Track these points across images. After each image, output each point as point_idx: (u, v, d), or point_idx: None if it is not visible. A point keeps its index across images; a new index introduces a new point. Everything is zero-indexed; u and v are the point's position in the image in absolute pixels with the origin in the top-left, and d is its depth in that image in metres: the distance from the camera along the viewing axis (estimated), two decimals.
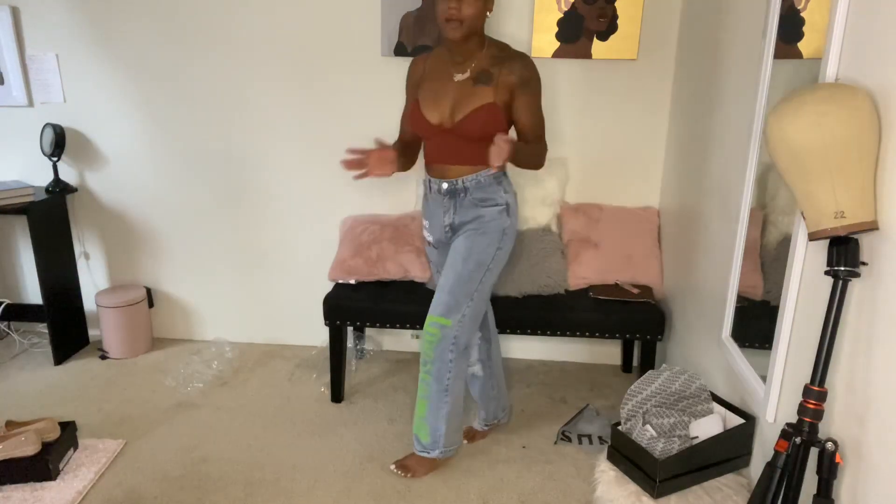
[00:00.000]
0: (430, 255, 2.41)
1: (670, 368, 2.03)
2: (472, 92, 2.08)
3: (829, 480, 1.29)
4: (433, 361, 2.21)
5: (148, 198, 3.25)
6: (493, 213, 2.18)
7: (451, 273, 2.19)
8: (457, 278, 2.17)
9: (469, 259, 2.17)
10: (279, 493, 2.28)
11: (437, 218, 2.26)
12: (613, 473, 1.85)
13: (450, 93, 2.10)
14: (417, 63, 2.23)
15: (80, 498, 2.23)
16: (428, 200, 2.28)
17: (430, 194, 2.26)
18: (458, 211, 2.20)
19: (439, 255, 2.35)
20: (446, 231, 2.26)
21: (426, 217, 2.32)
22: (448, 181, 2.18)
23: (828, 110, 1.21)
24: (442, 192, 2.20)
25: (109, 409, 2.80)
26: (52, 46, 3.07)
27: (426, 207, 2.31)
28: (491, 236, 2.18)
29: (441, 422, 2.29)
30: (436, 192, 2.22)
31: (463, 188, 2.17)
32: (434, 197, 2.24)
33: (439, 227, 2.27)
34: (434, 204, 2.25)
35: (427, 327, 2.20)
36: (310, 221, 3.21)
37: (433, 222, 2.29)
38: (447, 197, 2.20)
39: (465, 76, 2.09)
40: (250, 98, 3.06)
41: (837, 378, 1.35)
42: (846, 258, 1.25)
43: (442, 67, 2.13)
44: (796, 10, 1.64)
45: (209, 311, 3.42)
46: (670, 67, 2.87)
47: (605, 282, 2.88)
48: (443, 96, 2.11)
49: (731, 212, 2.05)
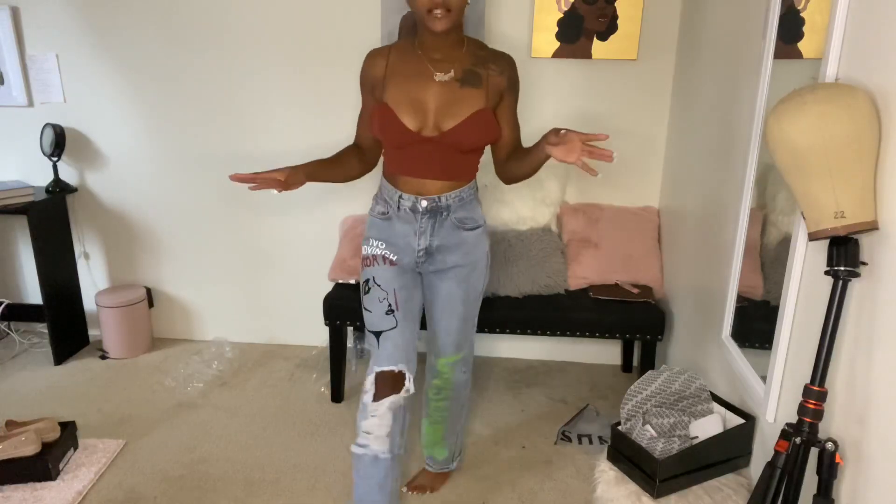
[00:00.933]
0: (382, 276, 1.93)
1: (670, 368, 2.03)
2: (461, 95, 1.81)
3: (829, 480, 1.29)
4: (451, 389, 2.16)
5: (148, 198, 3.25)
6: (474, 238, 1.98)
7: (454, 318, 2.03)
8: (461, 321, 2.04)
9: (468, 300, 2.03)
10: (279, 493, 2.28)
11: (406, 239, 1.93)
12: (613, 473, 1.85)
13: (431, 96, 1.81)
14: (376, 58, 1.87)
15: (80, 498, 2.23)
16: (392, 219, 1.94)
17: (396, 212, 1.92)
18: (436, 233, 1.92)
19: (399, 276, 1.95)
20: (419, 256, 1.95)
21: (383, 237, 1.95)
22: (428, 198, 1.88)
23: (828, 110, 1.20)
24: (419, 210, 1.89)
25: (109, 409, 2.80)
26: (52, 46, 3.07)
27: (385, 227, 1.95)
28: (480, 269, 2.03)
29: (458, 435, 2.29)
30: (407, 210, 1.90)
31: (445, 206, 1.90)
32: (404, 216, 1.91)
33: (409, 251, 1.94)
34: (402, 223, 1.93)
35: (440, 368, 2.11)
36: (310, 221, 3.21)
37: (399, 244, 1.94)
38: (426, 216, 1.90)
39: (448, 77, 1.80)
40: (250, 97, 3.06)
41: (837, 378, 1.35)
42: (846, 258, 1.25)
43: (414, 66, 1.82)
44: (796, 10, 1.64)
45: (209, 311, 3.42)
46: (670, 67, 2.87)
47: (605, 282, 2.88)
48: (422, 100, 1.81)
49: (731, 212, 2.05)
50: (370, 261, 1.96)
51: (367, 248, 1.98)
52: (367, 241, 1.99)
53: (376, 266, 1.95)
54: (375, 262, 1.95)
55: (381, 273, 1.94)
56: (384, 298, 1.92)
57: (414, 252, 1.95)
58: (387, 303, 1.91)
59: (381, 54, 1.88)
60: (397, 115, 1.81)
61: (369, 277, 1.95)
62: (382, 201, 1.96)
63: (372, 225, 2.00)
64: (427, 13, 1.70)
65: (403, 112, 1.81)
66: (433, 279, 2.01)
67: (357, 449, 1.88)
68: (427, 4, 1.68)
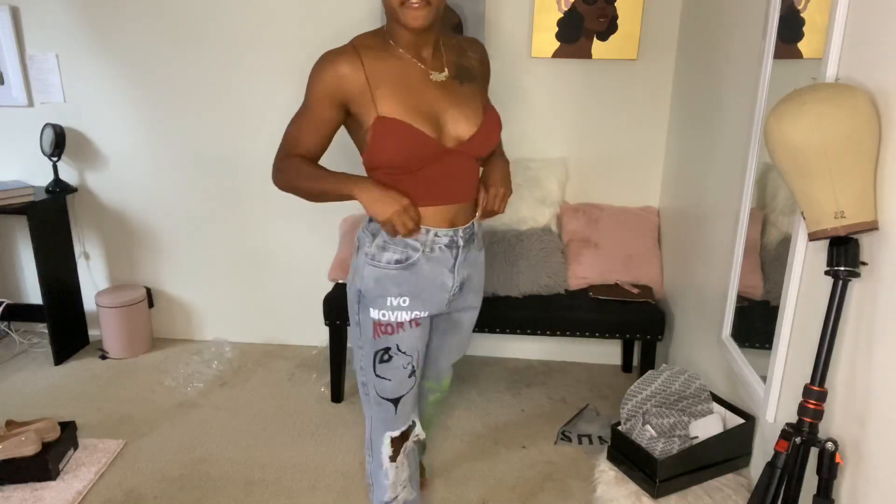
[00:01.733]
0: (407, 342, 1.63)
1: (670, 368, 2.03)
2: (465, 95, 1.57)
3: (829, 480, 1.29)
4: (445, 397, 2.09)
5: (148, 198, 3.25)
6: (482, 259, 1.77)
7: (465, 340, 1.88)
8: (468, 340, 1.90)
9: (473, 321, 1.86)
10: (279, 493, 2.28)
11: (439, 280, 1.62)
12: (613, 473, 1.85)
13: (435, 100, 1.52)
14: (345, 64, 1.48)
15: (80, 498, 2.23)
16: (416, 265, 1.59)
17: (428, 254, 1.58)
18: (467, 262, 1.66)
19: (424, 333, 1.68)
20: (453, 296, 1.67)
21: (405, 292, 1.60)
22: (464, 228, 1.61)
23: (827, 111, 1.20)
24: (459, 245, 1.60)
25: (109, 409, 2.80)
26: (52, 46, 3.07)
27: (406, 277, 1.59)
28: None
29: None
30: (443, 247, 1.59)
31: (475, 231, 1.66)
32: (437, 256, 1.59)
33: (441, 295, 1.64)
34: (434, 264, 1.60)
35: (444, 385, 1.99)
36: (310, 221, 3.21)
37: (428, 290, 1.62)
38: (461, 249, 1.62)
39: (443, 75, 1.55)
40: (250, 97, 3.06)
41: (837, 378, 1.35)
42: (846, 258, 1.25)
43: (401, 67, 1.52)
44: (796, 10, 1.64)
45: (209, 311, 3.42)
46: (670, 67, 2.87)
47: (605, 282, 2.88)
48: (428, 107, 1.51)
49: (731, 212, 2.05)
50: (391, 328, 1.60)
51: (381, 313, 1.60)
52: (376, 302, 1.60)
53: (401, 332, 1.61)
54: (400, 328, 1.61)
55: (406, 339, 1.63)
56: (408, 364, 1.65)
57: (447, 293, 1.65)
58: (411, 367, 1.66)
59: (350, 57, 1.50)
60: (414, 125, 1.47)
61: (390, 346, 1.62)
62: (398, 247, 1.57)
63: (383, 279, 1.58)
64: (400, 5, 1.43)
65: (423, 124, 1.49)
66: (456, 314, 1.78)
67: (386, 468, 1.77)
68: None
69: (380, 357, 1.63)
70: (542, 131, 3.01)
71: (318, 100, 1.53)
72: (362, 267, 1.61)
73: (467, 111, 1.56)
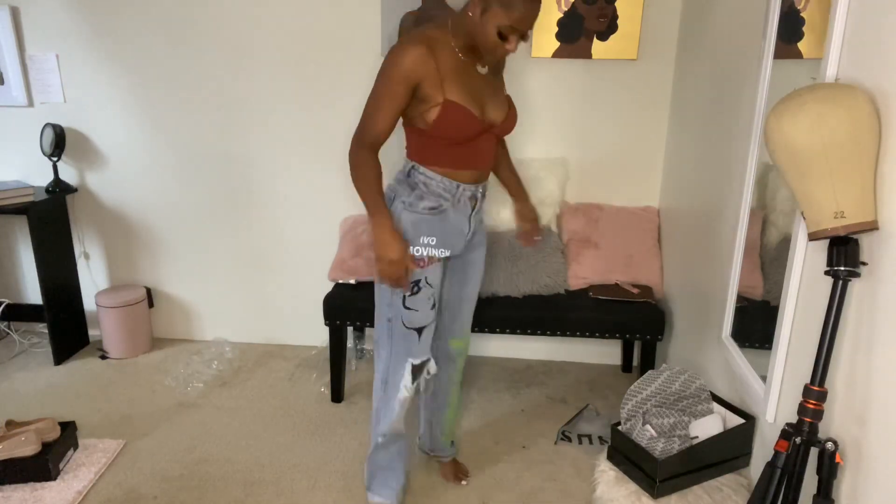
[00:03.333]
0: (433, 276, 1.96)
1: (670, 368, 2.03)
2: (498, 85, 1.94)
3: (829, 480, 1.29)
4: (463, 367, 2.27)
5: (148, 198, 3.25)
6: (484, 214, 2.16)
7: (476, 288, 2.16)
8: (478, 292, 2.18)
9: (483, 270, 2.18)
10: (279, 493, 2.28)
11: (459, 227, 1.97)
12: (613, 473, 1.85)
13: (481, 89, 1.86)
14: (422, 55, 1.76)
15: (80, 498, 2.23)
16: (445, 212, 1.93)
17: (455, 203, 1.93)
18: (477, 215, 2.03)
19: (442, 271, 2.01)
20: (468, 240, 2.03)
21: (434, 233, 1.93)
22: (483, 184, 2.00)
23: (827, 110, 1.21)
24: (478, 197, 1.98)
25: (109, 409, 2.80)
26: (52, 46, 3.07)
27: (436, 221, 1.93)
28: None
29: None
30: (466, 200, 1.94)
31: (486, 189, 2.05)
32: (461, 207, 1.95)
33: (460, 239, 1.99)
34: (457, 213, 1.95)
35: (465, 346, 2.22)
36: (310, 221, 3.21)
37: (450, 234, 1.96)
38: (479, 202, 2.00)
39: (485, 69, 1.89)
40: (250, 97, 3.06)
41: (837, 378, 1.35)
42: (846, 258, 1.25)
43: (457, 60, 1.82)
44: (796, 10, 1.64)
45: (209, 311, 3.42)
46: (670, 67, 2.87)
47: (605, 282, 2.88)
48: (477, 93, 1.85)
49: (731, 212, 2.05)
50: (423, 263, 1.93)
51: (416, 249, 1.92)
52: (413, 241, 1.91)
53: (430, 267, 1.94)
54: (431, 263, 1.94)
55: (433, 273, 1.96)
56: (432, 296, 1.97)
57: (464, 238, 2.01)
58: (433, 300, 1.98)
59: (425, 49, 1.76)
60: (469, 109, 1.81)
61: (420, 279, 1.93)
62: (433, 196, 1.90)
63: (419, 222, 1.90)
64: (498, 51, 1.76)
65: (471, 107, 1.82)
66: (468, 256, 2.10)
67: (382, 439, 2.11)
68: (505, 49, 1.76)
69: (411, 289, 1.94)
70: (542, 131, 3.01)
71: (397, 81, 1.78)
72: (400, 213, 1.91)
73: (500, 100, 1.92)
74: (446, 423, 2.32)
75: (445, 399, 2.27)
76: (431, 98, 1.79)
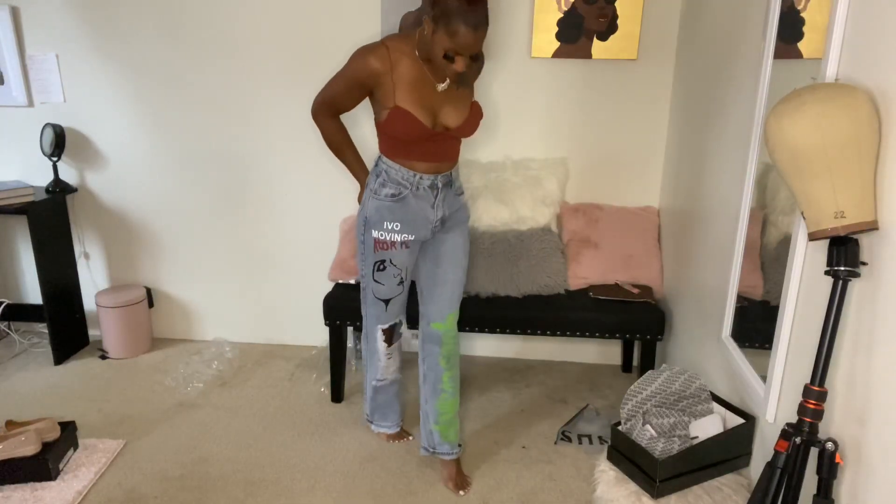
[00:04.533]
0: (398, 258, 2.19)
1: (670, 368, 2.03)
2: (459, 95, 2.09)
3: (829, 480, 1.29)
4: (455, 352, 2.32)
5: (148, 198, 3.25)
6: (463, 201, 2.29)
7: (459, 270, 2.29)
8: (463, 273, 2.31)
9: (466, 253, 2.32)
10: (279, 493, 2.28)
11: (423, 213, 2.15)
12: (613, 473, 1.85)
13: (436, 101, 2.05)
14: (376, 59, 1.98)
15: (80, 498, 2.23)
16: (405, 199, 2.13)
17: (413, 192, 2.13)
18: (446, 202, 2.19)
19: (411, 256, 2.23)
20: (435, 227, 2.20)
21: (397, 219, 2.14)
22: (443, 175, 2.16)
23: (827, 110, 1.21)
24: (438, 186, 2.15)
25: (109, 409, 2.80)
26: (52, 46, 3.07)
27: (398, 208, 2.13)
28: (468, 227, 2.34)
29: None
30: (426, 188, 2.13)
31: (452, 179, 2.21)
32: (422, 194, 2.14)
33: (425, 224, 2.17)
34: (418, 200, 2.14)
35: (448, 325, 2.29)
36: (310, 221, 3.21)
37: (415, 220, 2.15)
38: (440, 190, 2.16)
39: (445, 84, 2.05)
40: (250, 98, 3.06)
41: (837, 378, 1.35)
42: (846, 258, 1.25)
43: (418, 73, 2.02)
44: (796, 10, 1.64)
45: (209, 311, 3.42)
46: (670, 67, 2.87)
47: (605, 282, 2.88)
48: (430, 104, 2.04)
49: (731, 212, 2.05)
50: (387, 245, 2.17)
51: (380, 233, 2.15)
52: (377, 226, 2.15)
53: (394, 250, 2.18)
54: (393, 247, 2.17)
55: (398, 256, 2.19)
56: (398, 275, 2.23)
57: (430, 224, 2.18)
58: (400, 277, 2.24)
59: (380, 55, 1.98)
60: (417, 117, 2.00)
61: (385, 259, 2.19)
62: (393, 184, 2.12)
63: (380, 208, 2.13)
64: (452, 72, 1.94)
65: (422, 115, 2.01)
66: (440, 236, 2.26)
67: (378, 383, 2.47)
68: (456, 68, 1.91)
69: (377, 267, 2.21)
70: (542, 131, 3.01)
71: (350, 82, 2.05)
72: (368, 199, 2.16)
73: (459, 107, 2.09)
74: (440, 414, 2.31)
75: (436, 385, 2.30)
76: (384, 102, 2.02)
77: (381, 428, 2.55)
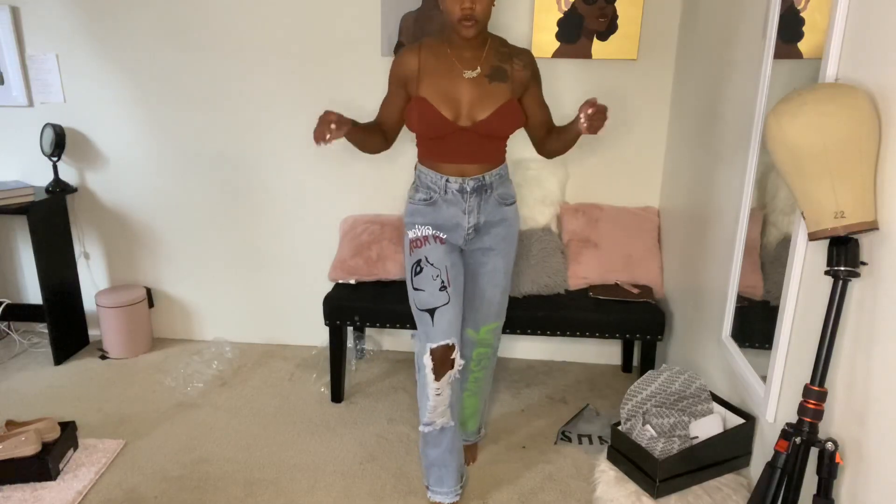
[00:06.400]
0: (434, 255, 2.06)
1: (670, 368, 2.03)
2: (490, 90, 2.00)
3: (829, 480, 1.29)
4: (491, 356, 2.31)
5: (148, 198, 3.25)
6: (512, 213, 2.16)
7: (497, 290, 2.20)
8: (503, 291, 2.22)
9: (507, 272, 2.21)
10: (279, 493, 2.28)
11: (455, 220, 2.08)
12: (613, 473, 1.85)
13: (463, 91, 1.99)
14: (409, 56, 2.03)
15: (80, 498, 2.23)
16: (437, 203, 2.08)
17: (443, 196, 2.07)
18: (482, 210, 2.09)
19: (449, 254, 2.09)
20: (469, 233, 2.10)
21: (428, 221, 2.09)
22: (474, 178, 2.05)
23: (828, 110, 1.21)
24: (467, 190, 2.05)
25: (109, 409, 2.80)
26: (52, 46, 3.07)
27: (430, 212, 2.08)
28: (515, 242, 2.22)
29: (486, 403, 2.45)
30: (454, 192, 2.05)
31: (489, 184, 2.08)
32: (451, 198, 2.06)
33: (458, 230, 2.10)
34: (449, 205, 2.07)
35: (483, 336, 2.24)
36: (310, 221, 3.21)
37: (446, 225, 2.09)
38: (473, 195, 2.06)
39: (475, 73, 2.00)
40: (250, 98, 3.06)
41: (837, 378, 1.35)
42: (846, 258, 1.25)
43: (445, 63, 2.00)
44: (796, 10, 1.64)
45: (209, 311, 3.42)
46: (670, 67, 2.87)
47: (605, 282, 2.88)
48: (455, 94, 1.99)
49: (731, 212, 2.05)
50: (420, 242, 2.08)
51: (413, 233, 2.09)
52: (411, 227, 2.11)
53: (427, 246, 2.07)
54: (427, 242, 2.07)
55: (432, 252, 2.06)
56: (437, 276, 2.04)
57: (463, 230, 2.10)
58: (440, 280, 2.04)
59: (413, 52, 2.03)
60: (435, 107, 1.98)
61: (420, 258, 2.06)
62: (424, 188, 2.09)
63: (415, 212, 2.11)
64: (458, 22, 1.90)
65: (441, 106, 1.98)
66: (479, 256, 2.17)
67: (425, 429, 2.11)
68: (458, 15, 1.89)
69: (414, 270, 2.07)
70: None
71: (390, 82, 2.08)
72: (406, 205, 2.16)
73: (485, 102, 2.00)
74: (463, 409, 2.36)
75: (462, 382, 2.30)
76: (412, 95, 2.03)
77: (437, 496, 2.19)
